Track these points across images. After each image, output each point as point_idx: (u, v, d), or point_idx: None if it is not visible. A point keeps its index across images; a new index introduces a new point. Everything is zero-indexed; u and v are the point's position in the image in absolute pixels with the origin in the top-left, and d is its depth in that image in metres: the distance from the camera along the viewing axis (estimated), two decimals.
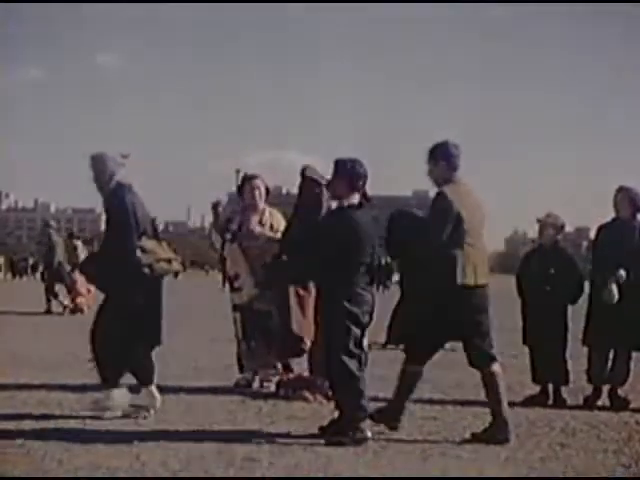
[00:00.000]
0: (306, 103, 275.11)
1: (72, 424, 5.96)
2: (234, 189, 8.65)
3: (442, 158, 5.92)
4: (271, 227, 7.73)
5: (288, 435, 5.79)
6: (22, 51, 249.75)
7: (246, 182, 7.85)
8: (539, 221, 7.65)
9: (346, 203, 5.86)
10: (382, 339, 11.50)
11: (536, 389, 7.50)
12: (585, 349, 7.51)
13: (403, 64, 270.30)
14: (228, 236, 7.73)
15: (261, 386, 7.59)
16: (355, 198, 5.87)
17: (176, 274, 62.75)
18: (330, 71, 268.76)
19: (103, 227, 6.52)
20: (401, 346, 7.67)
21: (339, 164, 5.92)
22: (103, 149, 6.67)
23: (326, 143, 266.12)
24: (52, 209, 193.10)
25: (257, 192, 7.78)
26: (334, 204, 6.15)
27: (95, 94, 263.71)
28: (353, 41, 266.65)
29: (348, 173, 5.86)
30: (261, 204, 7.80)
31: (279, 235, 7.62)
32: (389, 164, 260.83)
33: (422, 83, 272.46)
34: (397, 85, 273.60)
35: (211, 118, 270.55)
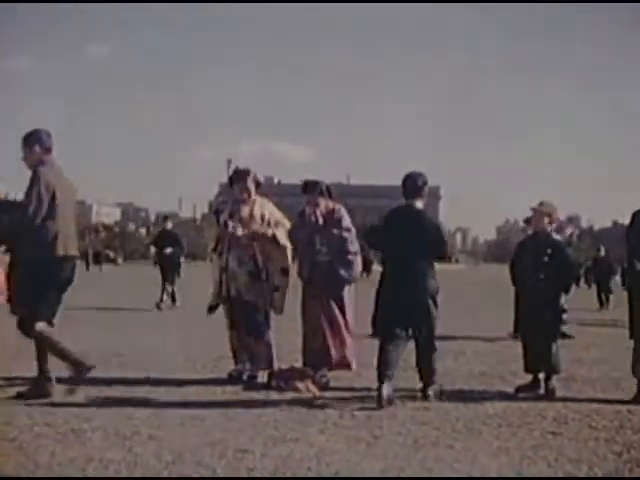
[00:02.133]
0: (296, 92, 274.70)
1: (65, 416, 5.95)
2: (226, 179, 8.63)
3: (35, 143, 6.72)
4: (262, 217, 7.72)
5: (280, 426, 5.80)
6: (11, 42, 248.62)
7: (237, 176, 7.83)
8: (533, 208, 7.66)
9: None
10: None
11: (528, 378, 7.52)
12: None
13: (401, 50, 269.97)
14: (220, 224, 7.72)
15: (253, 377, 7.59)
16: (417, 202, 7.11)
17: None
18: (323, 60, 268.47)
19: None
20: None
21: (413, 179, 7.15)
22: (94, 140, 6.76)
23: (315, 133, 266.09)
24: None
25: (249, 185, 7.77)
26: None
27: (82, 84, 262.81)
28: (338, 26, 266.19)
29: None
30: (252, 197, 7.80)
31: (271, 225, 7.65)
32: (380, 154, 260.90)
33: (418, 68, 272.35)
34: (385, 72, 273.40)
35: (202, 107, 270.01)
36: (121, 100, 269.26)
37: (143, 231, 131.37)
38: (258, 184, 7.85)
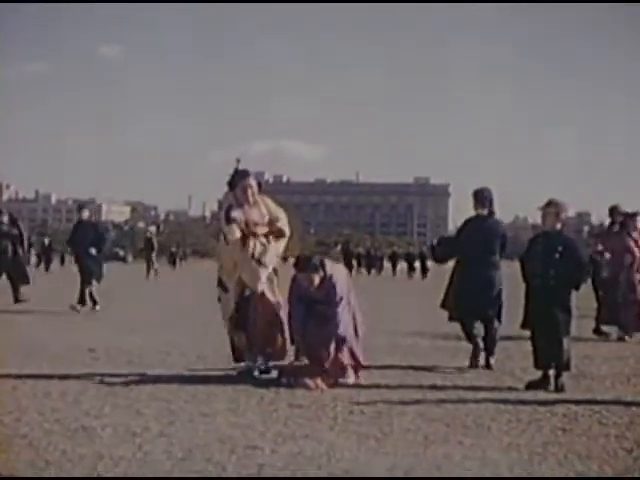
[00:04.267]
0: (307, 90, 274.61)
1: (75, 414, 5.97)
2: None
3: None
4: (269, 216, 7.76)
5: (290, 423, 5.81)
6: (24, 44, 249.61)
7: (238, 181, 7.84)
8: (542, 207, 7.64)
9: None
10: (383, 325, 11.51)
11: (538, 374, 7.50)
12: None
13: (404, 52, 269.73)
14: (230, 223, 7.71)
15: (263, 373, 7.59)
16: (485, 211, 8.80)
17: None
18: (333, 59, 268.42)
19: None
20: None
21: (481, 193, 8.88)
22: (103, 139, 6.71)
23: (326, 132, 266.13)
24: (53, 200, 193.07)
25: (250, 190, 7.79)
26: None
27: (96, 85, 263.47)
28: (350, 31, 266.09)
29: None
30: (254, 199, 7.82)
31: (277, 223, 7.69)
32: (390, 152, 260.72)
33: (421, 73, 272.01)
34: (395, 72, 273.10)
35: (212, 106, 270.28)
36: (131, 100, 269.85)
37: (153, 229, 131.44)
38: (259, 185, 7.88)
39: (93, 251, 14.94)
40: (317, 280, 7.55)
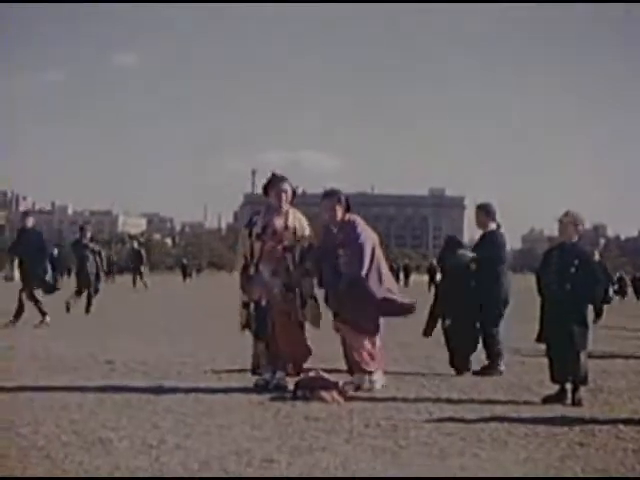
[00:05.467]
0: (324, 102, 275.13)
1: (92, 426, 5.99)
2: (249, 190, 8.68)
3: None
4: (294, 230, 7.74)
5: (306, 436, 5.81)
6: (39, 53, 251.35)
7: (274, 184, 7.82)
8: (559, 219, 7.60)
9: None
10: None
11: (555, 388, 7.47)
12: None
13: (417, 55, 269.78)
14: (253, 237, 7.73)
15: (279, 387, 7.59)
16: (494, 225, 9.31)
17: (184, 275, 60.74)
18: (349, 70, 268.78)
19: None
20: None
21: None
22: (120, 150, 6.74)
23: (342, 143, 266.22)
24: (69, 211, 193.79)
25: (284, 195, 7.77)
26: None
27: (112, 94, 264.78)
28: (368, 36, 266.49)
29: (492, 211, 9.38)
30: (286, 206, 7.80)
31: (304, 238, 7.70)
32: (405, 163, 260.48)
33: (437, 84, 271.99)
34: (412, 84, 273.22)
35: (228, 118, 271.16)
36: (147, 109, 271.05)
37: (169, 241, 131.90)
38: (294, 193, 7.86)
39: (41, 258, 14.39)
40: (340, 212, 7.61)
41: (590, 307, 7.59)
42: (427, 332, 9.49)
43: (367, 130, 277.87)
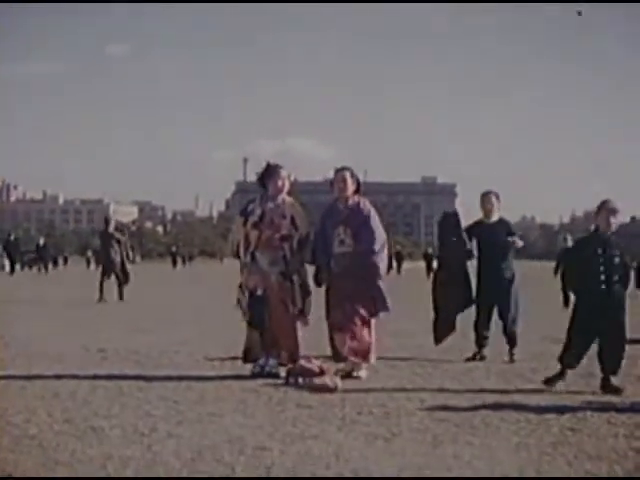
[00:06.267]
0: (313, 90, 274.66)
1: (84, 414, 5.99)
2: (241, 178, 8.66)
3: None
4: (292, 219, 7.72)
5: (298, 423, 5.81)
6: (29, 44, 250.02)
7: (271, 172, 7.80)
8: (599, 208, 7.45)
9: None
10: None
11: (545, 374, 7.47)
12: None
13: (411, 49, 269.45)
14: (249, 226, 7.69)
15: (272, 374, 7.59)
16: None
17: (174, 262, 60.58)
18: (342, 58, 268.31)
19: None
20: None
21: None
22: (112, 139, 6.69)
23: (333, 131, 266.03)
24: (60, 200, 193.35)
25: (281, 183, 7.77)
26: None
27: (103, 84, 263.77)
28: (359, 26, 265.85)
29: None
30: (283, 195, 7.79)
31: (302, 227, 7.68)
32: (397, 151, 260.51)
33: (428, 73, 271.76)
34: (404, 72, 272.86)
35: (218, 106, 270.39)
36: (138, 99, 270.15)
37: (160, 229, 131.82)
38: (290, 181, 7.85)
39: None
40: (350, 186, 7.63)
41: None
42: (438, 338, 9.11)
43: (360, 117, 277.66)
